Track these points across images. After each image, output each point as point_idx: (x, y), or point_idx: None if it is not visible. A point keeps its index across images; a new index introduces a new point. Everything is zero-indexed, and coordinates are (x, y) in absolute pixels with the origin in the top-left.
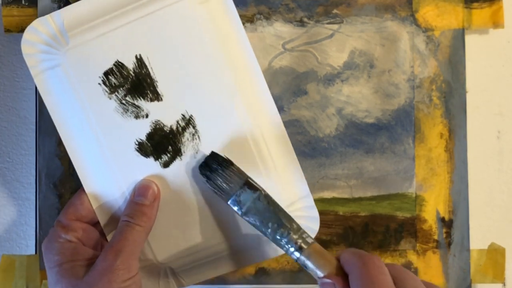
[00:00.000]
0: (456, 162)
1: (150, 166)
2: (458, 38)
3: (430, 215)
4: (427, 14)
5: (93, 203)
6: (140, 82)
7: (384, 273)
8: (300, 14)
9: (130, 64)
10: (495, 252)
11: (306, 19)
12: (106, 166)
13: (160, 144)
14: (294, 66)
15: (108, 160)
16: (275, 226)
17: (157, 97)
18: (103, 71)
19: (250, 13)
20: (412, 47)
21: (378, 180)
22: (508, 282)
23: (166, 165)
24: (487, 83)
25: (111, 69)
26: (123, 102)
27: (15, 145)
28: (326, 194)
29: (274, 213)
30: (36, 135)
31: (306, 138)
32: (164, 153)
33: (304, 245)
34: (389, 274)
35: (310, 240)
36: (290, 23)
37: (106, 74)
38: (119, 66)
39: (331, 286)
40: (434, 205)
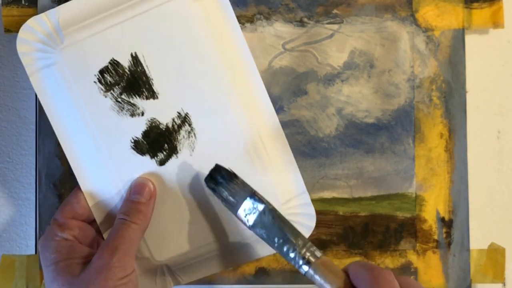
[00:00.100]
0: (456, 162)
1: (146, 164)
2: (458, 38)
3: (430, 215)
4: (427, 14)
5: (89, 201)
6: (135, 80)
7: (394, 286)
8: (300, 14)
9: (125, 62)
10: (495, 252)
11: (306, 19)
12: (102, 164)
13: (156, 142)
14: (294, 66)
15: (104, 158)
16: (281, 241)
17: (152, 95)
18: (99, 69)
19: (250, 13)
20: (412, 47)
21: (378, 180)
22: (508, 282)
23: (162, 163)
24: (487, 83)
25: (107, 67)
26: (119, 100)
27: (15, 145)
28: (326, 194)
29: (280, 228)
30: (36, 135)
31: (306, 138)
32: (160, 151)
33: (312, 258)
34: (398, 287)
35: (318, 253)
36: (290, 23)
37: (102, 72)
38: (115, 64)
39: None
40: (434, 205)
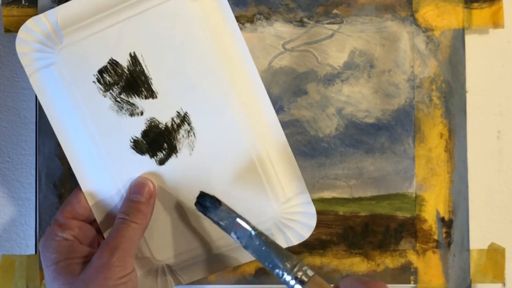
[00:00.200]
0: (456, 162)
1: (145, 164)
2: (458, 38)
3: (430, 215)
4: (427, 14)
5: (89, 201)
6: (134, 80)
7: None
8: (300, 14)
9: (124, 62)
10: (495, 252)
11: (306, 19)
12: (102, 164)
13: (155, 141)
14: (294, 66)
15: (103, 158)
16: (271, 265)
17: (151, 94)
18: (98, 69)
19: (250, 13)
20: (412, 47)
21: (378, 180)
22: (508, 282)
23: (161, 162)
24: (487, 83)
25: (106, 67)
26: (118, 99)
27: (15, 145)
28: (326, 194)
29: (267, 253)
30: (36, 135)
31: (306, 138)
32: (159, 150)
33: (305, 277)
34: None
35: (311, 272)
36: (290, 23)
37: (101, 72)
38: (113, 64)
39: None
40: (434, 205)
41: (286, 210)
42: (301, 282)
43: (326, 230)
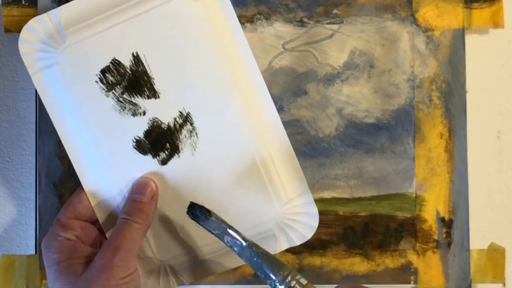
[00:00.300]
0: (456, 162)
1: (148, 164)
2: (458, 38)
3: (430, 215)
4: (427, 14)
5: (91, 201)
6: (137, 80)
7: None
8: (300, 14)
9: (126, 62)
10: (495, 252)
11: (306, 19)
12: (104, 164)
13: (157, 141)
14: (294, 66)
15: (106, 158)
16: (263, 276)
17: (154, 94)
18: (100, 69)
19: (250, 13)
20: (412, 47)
21: (378, 180)
22: (508, 282)
23: (164, 162)
24: (487, 83)
25: (108, 67)
26: (120, 99)
27: (15, 145)
28: (326, 194)
29: (258, 264)
30: (36, 135)
31: (306, 138)
32: (161, 150)
33: (298, 286)
34: None
35: (304, 281)
36: (290, 23)
37: (103, 72)
38: (116, 64)
39: None
40: (434, 205)
41: (288, 210)
42: None
43: (326, 230)
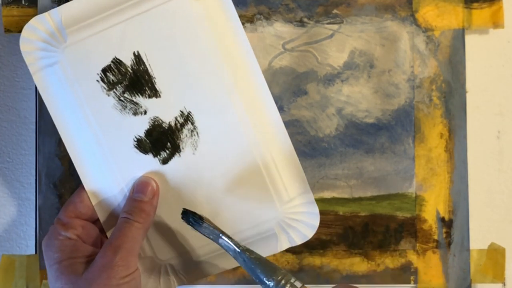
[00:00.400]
0: (456, 162)
1: (149, 163)
2: (458, 38)
3: (430, 215)
4: (427, 14)
5: (92, 200)
6: (138, 79)
7: None
8: (300, 14)
9: (128, 61)
10: (495, 252)
11: (306, 19)
12: (105, 163)
13: (158, 140)
14: (294, 66)
15: (107, 157)
16: (257, 280)
17: (155, 93)
18: (101, 68)
19: (250, 13)
20: (412, 47)
21: (378, 180)
22: (508, 282)
23: (165, 161)
24: (487, 83)
25: (109, 66)
26: (122, 98)
27: (15, 145)
28: (326, 194)
29: (252, 270)
30: (36, 135)
31: (306, 138)
32: (162, 149)
33: None
34: None
35: (299, 284)
36: (290, 23)
37: (104, 71)
38: (117, 63)
39: None
40: (434, 205)
41: (289, 210)
42: None
43: (326, 230)
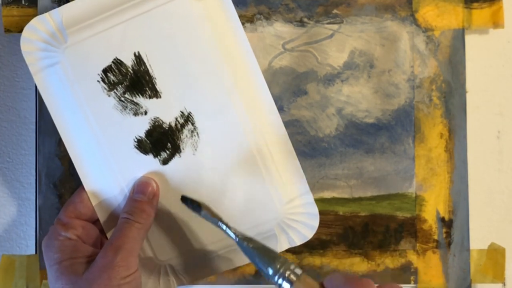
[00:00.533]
0: (456, 162)
1: (149, 163)
2: (458, 38)
3: (430, 215)
4: (427, 14)
5: (92, 201)
6: (138, 79)
7: None
8: (300, 14)
9: (128, 61)
10: (495, 252)
11: (306, 19)
12: (105, 163)
13: (159, 141)
14: (294, 66)
15: (107, 157)
16: (259, 268)
17: (156, 94)
18: (102, 69)
19: (250, 13)
20: (412, 47)
21: (378, 180)
22: (508, 282)
23: (165, 162)
24: (487, 83)
25: (110, 66)
26: (122, 99)
27: (15, 145)
28: (326, 194)
29: (253, 259)
30: (36, 135)
31: (306, 138)
32: (163, 150)
33: (293, 276)
34: None
35: (299, 271)
36: (290, 23)
37: (105, 71)
38: (118, 63)
39: None
40: (434, 205)
41: (289, 210)
42: (289, 281)
43: (326, 230)
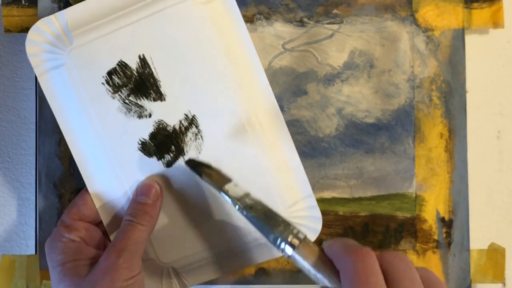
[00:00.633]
0: (456, 162)
1: (153, 166)
2: (458, 38)
3: (430, 215)
4: (427, 14)
5: (96, 203)
6: (143, 82)
7: (375, 273)
8: (300, 14)
9: (133, 64)
10: (495, 252)
11: (306, 19)
12: (109, 165)
13: (163, 143)
14: (294, 66)
15: (111, 159)
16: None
17: (160, 96)
18: (107, 71)
19: (250, 13)
20: (412, 47)
21: (378, 180)
22: (508, 282)
23: (169, 164)
24: (487, 83)
25: (115, 69)
26: (126, 101)
27: (15, 145)
28: (326, 194)
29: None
30: (36, 135)
31: (306, 138)
32: (167, 152)
33: (296, 240)
34: (380, 273)
35: (302, 235)
36: (290, 23)
37: (110, 74)
38: (123, 66)
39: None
40: (434, 205)
41: (292, 213)
42: (292, 245)
43: (326, 230)
